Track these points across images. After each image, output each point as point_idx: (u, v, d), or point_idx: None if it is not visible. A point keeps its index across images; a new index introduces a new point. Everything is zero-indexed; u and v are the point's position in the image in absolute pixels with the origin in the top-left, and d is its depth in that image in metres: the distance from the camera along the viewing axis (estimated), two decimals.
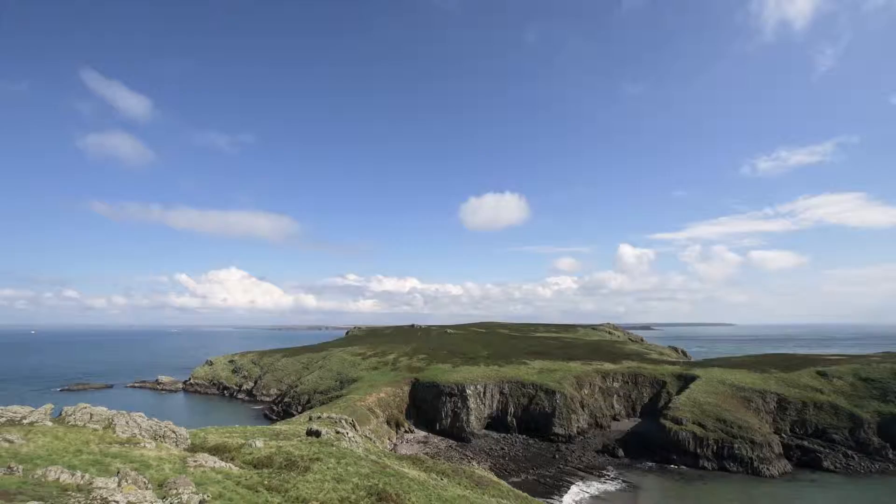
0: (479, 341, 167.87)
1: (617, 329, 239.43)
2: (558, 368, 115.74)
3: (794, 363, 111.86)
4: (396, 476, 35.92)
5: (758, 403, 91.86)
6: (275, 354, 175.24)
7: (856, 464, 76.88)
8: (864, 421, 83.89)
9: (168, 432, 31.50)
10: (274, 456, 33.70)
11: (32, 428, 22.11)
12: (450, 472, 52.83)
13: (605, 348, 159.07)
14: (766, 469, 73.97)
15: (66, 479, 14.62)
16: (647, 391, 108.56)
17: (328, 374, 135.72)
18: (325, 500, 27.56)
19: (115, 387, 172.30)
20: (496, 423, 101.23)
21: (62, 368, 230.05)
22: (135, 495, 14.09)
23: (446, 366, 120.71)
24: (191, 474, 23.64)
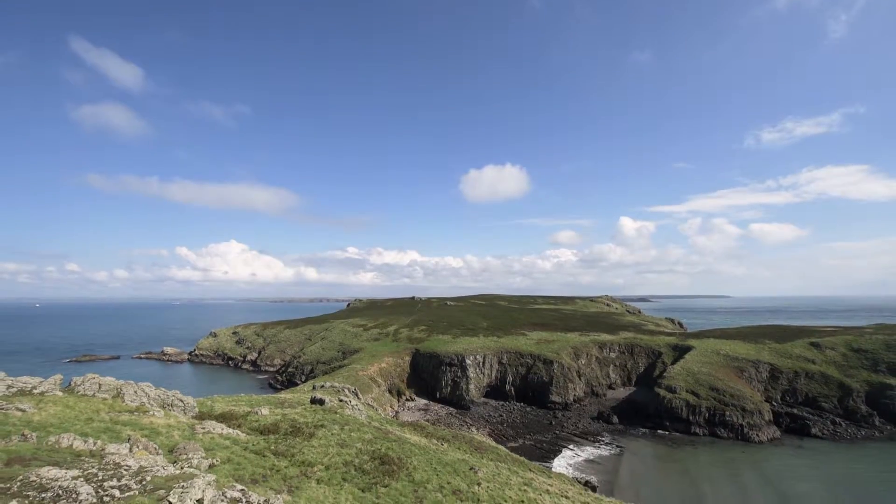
0: (479, 313, 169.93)
1: (615, 301, 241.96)
2: (556, 339, 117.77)
3: (789, 334, 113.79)
4: (398, 441, 37.17)
5: (750, 373, 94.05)
6: (277, 326, 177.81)
7: (843, 430, 79.53)
8: (854, 390, 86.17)
9: (176, 401, 32.33)
10: (280, 423, 34.75)
11: (43, 397, 22.65)
12: (450, 437, 54.70)
13: (603, 320, 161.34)
14: (756, 435, 76.57)
15: (79, 446, 15.09)
16: (643, 361, 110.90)
17: (330, 345, 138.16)
18: (330, 464, 28.61)
19: (122, 358, 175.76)
20: (495, 391, 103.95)
21: (69, 341, 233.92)
22: (146, 460, 14.58)
23: (446, 337, 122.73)
24: (199, 440, 24.43)
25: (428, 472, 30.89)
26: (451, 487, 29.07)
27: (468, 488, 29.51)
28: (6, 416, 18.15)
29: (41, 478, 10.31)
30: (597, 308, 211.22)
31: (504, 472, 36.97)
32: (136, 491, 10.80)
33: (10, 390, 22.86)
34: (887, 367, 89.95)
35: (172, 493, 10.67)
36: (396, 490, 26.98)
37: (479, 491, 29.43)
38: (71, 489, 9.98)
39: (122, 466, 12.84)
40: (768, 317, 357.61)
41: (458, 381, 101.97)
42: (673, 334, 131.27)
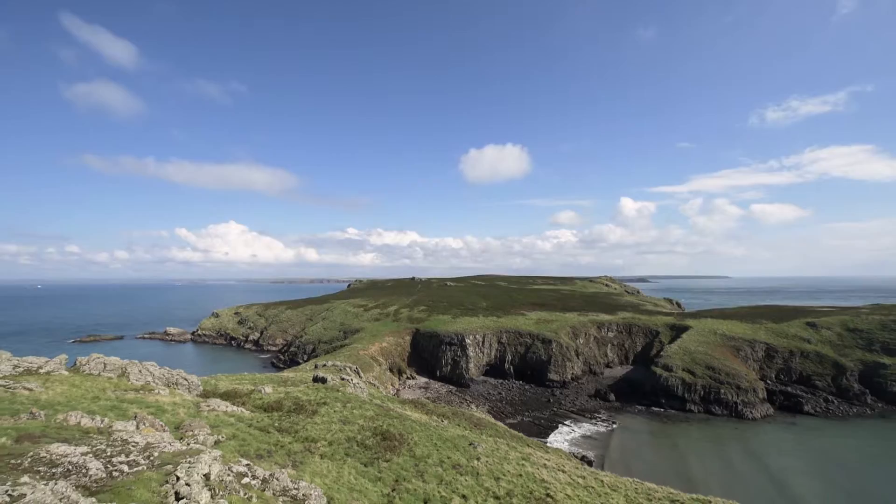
0: (479, 293, 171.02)
1: (614, 281, 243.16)
2: (555, 319, 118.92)
3: (786, 314, 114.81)
4: (399, 418, 37.99)
5: (746, 352, 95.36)
6: (279, 306, 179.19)
7: (835, 408, 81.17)
8: (847, 368, 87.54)
9: (180, 380, 32.85)
10: (283, 401, 35.41)
11: (49, 377, 22.98)
12: (450, 414, 55.88)
13: (602, 300, 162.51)
14: (749, 412, 78.20)
15: (87, 423, 15.40)
16: (641, 340, 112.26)
17: (332, 324, 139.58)
18: (333, 440, 29.30)
19: (126, 338, 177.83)
20: (494, 370, 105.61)
21: (72, 321, 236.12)
22: (153, 437, 14.92)
23: (446, 317, 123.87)
24: (205, 418, 24.94)
25: (428, 447, 31.68)
26: (451, 462, 29.86)
27: (468, 463, 30.31)
28: (14, 394, 18.46)
29: (51, 454, 10.55)
30: (596, 288, 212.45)
31: (503, 447, 37.90)
32: (145, 466, 11.08)
33: (17, 370, 23.18)
34: (882, 346, 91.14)
35: (180, 468, 10.94)
36: (398, 464, 27.72)
37: (479, 465, 30.23)
38: (81, 464, 10.23)
39: (129, 443, 13.13)
40: (766, 297, 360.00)
41: (458, 359, 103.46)
42: (671, 314, 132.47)
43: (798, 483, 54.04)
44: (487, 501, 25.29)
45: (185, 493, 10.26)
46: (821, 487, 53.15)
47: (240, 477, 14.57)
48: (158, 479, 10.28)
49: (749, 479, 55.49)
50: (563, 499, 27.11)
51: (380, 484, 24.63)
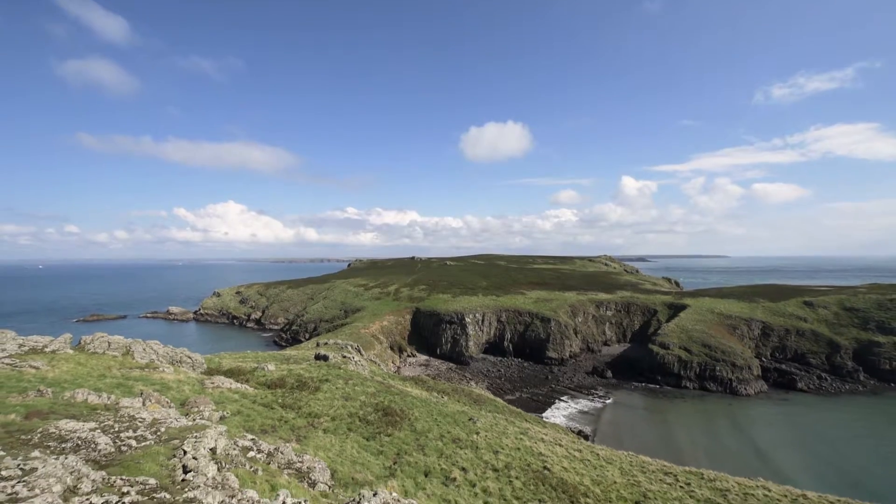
0: (478, 273, 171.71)
1: (613, 261, 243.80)
2: (554, 298, 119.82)
3: (783, 293, 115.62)
4: (400, 394, 38.78)
5: (743, 330, 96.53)
6: (280, 286, 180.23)
7: (828, 385, 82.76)
8: (842, 347, 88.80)
9: (184, 358, 33.34)
10: (286, 378, 36.05)
11: (55, 355, 23.30)
12: (450, 390, 57.03)
13: (601, 279, 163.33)
14: (743, 389, 79.76)
15: (94, 400, 15.71)
16: (639, 319, 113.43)
17: (332, 303, 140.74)
18: (336, 415, 29.98)
19: (129, 317, 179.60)
20: (493, 348, 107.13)
21: (75, 301, 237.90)
22: (159, 413, 15.25)
23: (446, 296, 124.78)
24: (209, 395, 25.44)
25: (429, 422, 32.44)
26: (451, 436, 30.64)
27: (467, 437, 31.10)
28: (21, 373, 18.76)
29: (60, 430, 10.80)
30: (595, 268, 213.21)
31: (501, 422, 38.82)
32: (152, 441, 11.35)
33: (23, 349, 23.49)
34: (877, 325, 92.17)
35: (186, 443, 11.23)
36: (399, 439, 28.45)
37: (478, 440, 31.02)
38: (90, 440, 10.48)
39: (136, 419, 13.43)
40: (765, 276, 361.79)
41: (458, 338, 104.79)
42: (669, 293, 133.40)
43: (781, 455, 55.83)
44: (486, 474, 26.08)
45: (192, 466, 10.56)
46: (803, 459, 54.94)
47: (245, 451, 14.98)
48: (166, 453, 10.56)
49: (735, 451, 57.15)
50: (560, 471, 27.95)
51: (382, 457, 25.34)
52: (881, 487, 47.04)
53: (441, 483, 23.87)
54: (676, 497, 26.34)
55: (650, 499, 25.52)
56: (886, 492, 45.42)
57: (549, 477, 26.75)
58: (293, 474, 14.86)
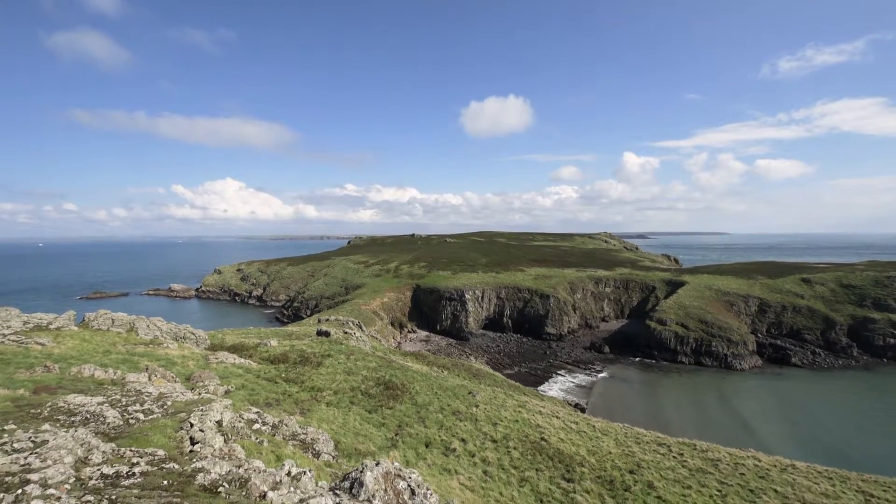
0: (478, 250, 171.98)
1: (613, 238, 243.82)
2: (553, 275, 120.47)
3: (782, 270, 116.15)
4: (401, 369, 39.53)
5: (740, 307, 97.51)
6: (280, 263, 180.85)
7: (821, 360, 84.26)
8: (837, 323, 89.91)
9: (188, 334, 33.79)
10: (288, 353, 36.65)
11: (60, 332, 23.59)
12: (450, 365, 58.11)
13: (600, 256, 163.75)
14: (738, 364, 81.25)
15: (101, 375, 16.00)
16: (637, 295, 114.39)
17: (333, 280, 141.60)
18: (338, 389, 30.65)
19: (131, 295, 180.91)
20: (493, 324, 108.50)
21: (77, 279, 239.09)
22: (165, 387, 15.58)
23: (446, 273, 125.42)
24: (214, 369, 25.90)
25: (429, 396, 33.20)
26: (451, 409, 31.41)
27: (467, 410, 31.89)
28: (27, 349, 19.03)
29: (68, 404, 11.05)
30: (595, 245, 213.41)
31: (500, 395, 39.72)
32: (159, 414, 11.63)
33: (27, 326, 23.75)
34: (873, 302, 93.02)
35: (193, 416, 11.51)
36: (400, 412, 29.18)
37: (477, 412, 31.81)
38: (98, 413, 10.74)
39: (143, 393, 13.72)
40: (765, 253, 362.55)
41: (458, 314, 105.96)
42: (668, 270, 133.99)
43: (767, 428, 57.49)
44: (485, 445, 26.88)
45: (199, 438, 10.87)
46: (788, 431, 56.59)
47: (250, 423, 15.38)
48: (173, 425, 10.84)
49: (722, 423, 58.73)
50: (557, 442, 28.79)
51: (383, 429, 26.05)
52: (860, 457, 48.47)
53: (441, 453, 24.62)
54: (669, 466, 27.24)
55: (644, 468, 26.39)
56: (864, 461, 46.62)
57: (546, 447, 27.58)
58: (298, 445, 15.31)
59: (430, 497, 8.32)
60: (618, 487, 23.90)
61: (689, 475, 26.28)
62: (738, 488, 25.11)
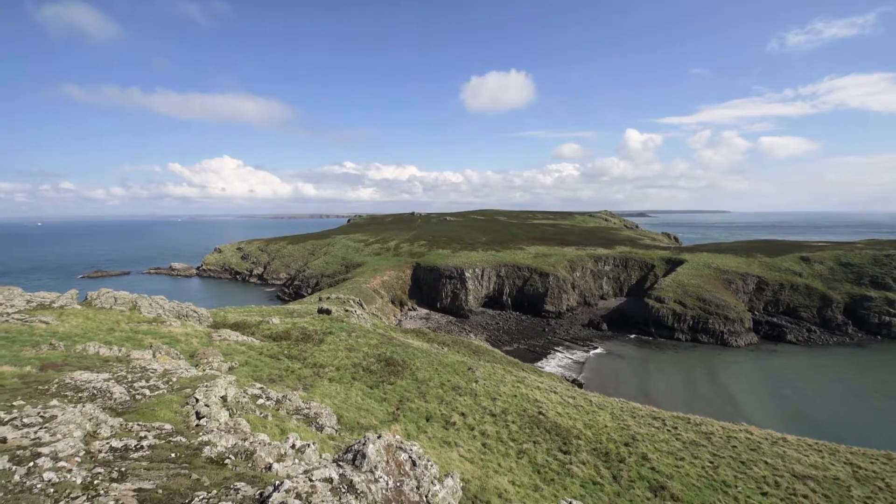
0: (478, 228, 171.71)
1: (613, 216, 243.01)
2: (553, 253, 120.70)
3: (781, 249, 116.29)
4: (402, 346, 40.11)
5: (738, 285, 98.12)
6: (280, 242, 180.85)
7: (816, 337, 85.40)
8: (834, 301, 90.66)
9: (190, 312, 34.09)
10: (290, 330, 37.09)
11: (63, 311, 23.79)
12: (449, 342, 58.95)
13: (600, 234, 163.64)
14: (734, 341, 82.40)
15: (105, 353, 16.23)
16: (636, 274, 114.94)
17: (333, 259, 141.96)
18: (340, 365, 31.17)
19: (132, 274, 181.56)
20: (492, 302, 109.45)
21: (77, 258, 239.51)
22: (170, 364, 15.83)
23: (446, 251, 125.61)
24: (217, 347, 26.26)
25: (430, 372, 33.81)
26: (451, 385, 32.04)
27: (466, 385, 32.53)
28: (32, 327, 19.23)
29: (75, 380, 11.24)
30: (595, 223, 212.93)
31: (499, 371, 40.45)
32: (165, 390, 11.86)
33: (31, 305, 23.93)
34: (871, 280, 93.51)
35: (198, 391, 11.74)
36: (401, 387, 29.77)
37: (477, 387, 32.46)
38: (105, 389, 10.94)
39: (148, 370, 13.94)
40: (765, 232, 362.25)
41: (458, 292, 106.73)
42: (668, 248, 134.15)
43: (752, 402, 58.86)
44: (484, 418, 27.55)
45: (205, 412, 11.11)
46: (773, 405, 57.93)
47: (255, 398, 15.70)
48: (179, 400, 11.07)
49: (711, 398, 60.05)
50: (554, 416, 29.50)
51: (385, 404, 26.64)
52: (847, 432, 48.72)
53: (441, 427, 25.26)
54: (663, 439, 28.00)
55: (639, 440, 27.13)
56: (849, 436, 47.21)
57: (543, 421, 28.28)
58: (301, 419, 15.68)
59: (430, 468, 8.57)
60: (613, 459, 24.63)
61: (682, 447, 27.04)
62: (730, 460, 25.89)
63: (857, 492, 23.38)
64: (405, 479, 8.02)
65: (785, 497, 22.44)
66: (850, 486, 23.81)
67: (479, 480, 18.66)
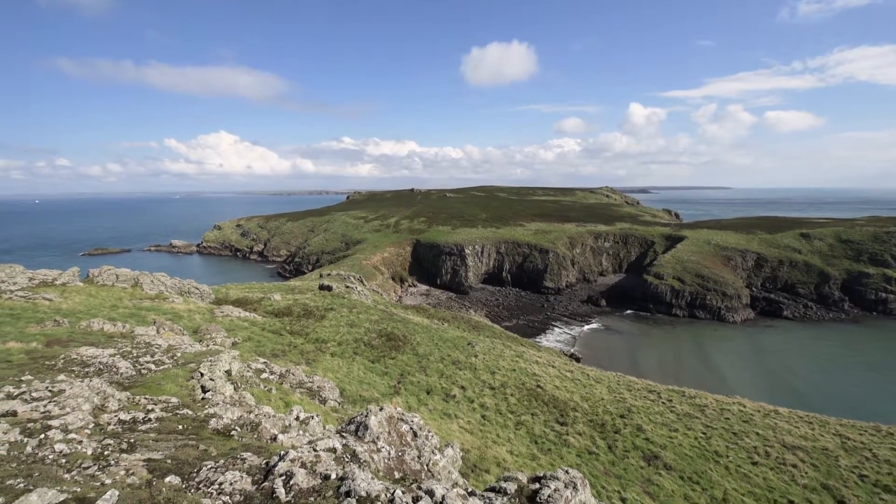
0: (478, 205, 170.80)
1: (615, 192, 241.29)
2: (553, 230, 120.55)
3: (782, 225, 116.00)
4: (403, 322, 40.60)
5: (737, 261, 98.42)
6: (279, 218, 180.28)
7: (812, 313, 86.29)
8: (832, 277, 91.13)
9: (192, 289, 34.33)
10: (292, 307, 37.45)
11: (66, 288, 23.94)
12: (449, 318, 59.66)
13: (601, 211, 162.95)
14: (731, 316, 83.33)
15: (110, 329, 16.43)
16: (636, 250, 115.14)
17: (333, 236, 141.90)
18: (342, 341, 31.63)
19: (133, 251, 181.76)
20: (492, 278, 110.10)
21: (77, 235, 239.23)
22: (174, 340, 16.06)
23: (446, 228, 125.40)
24: (220, 322, 26.58)
25: (430, 346, 34.35)
26: (451, 359, 32.61)
27: (466, 359, 33.11)
28: (35, 304, 19.40)
29: (81, 356, 11.42)
30: (596, 199, 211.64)
31: (498, 346, 41.09)
32: (170, 365, 12.07)
33: (33, 282, 24.05)
34: (869, 257, 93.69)
35: (203, 366, 11.95)
36: (402, 361, 30.31)
37: (476, 362, 33.06)
38: (111, 364, 11.13)
39: (152, 345, 14.15)
40: (767, 208, 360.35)
41: (458, 269, 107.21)
42: (668, 225, 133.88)
43: (738, 375, 60.10)
44: (484, 391, 28.18)
45: (210, 386, 11.35)
46: (760, 379, 58.96)
47: (258, 373, 16.01)
48: (184, 375, 11.28)
49: (698, 371, 61.13)
50: (552, 389, 30.16)
51: (386, 377, 27.19)
52: (831, 404, 49.53)
53: (442, 399, 25.87)
54: (658, 411, 28.73)
55: (634, 413, 27.84)
56: (835, 408, 47.87)
57: (541, 394, 28.94)
58: (305, 393, 16.03)
59: (431, 438, 8.82)
60: (608, 430, 25.34)
61: (676, 419, 27.78)
62: (723, 431, 26.64)
63: (845, 461, 24.17)
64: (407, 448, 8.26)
65: (774, 466, 23.22)
66: (839, 456, 24.60)
67: (478, 450, 19.26)
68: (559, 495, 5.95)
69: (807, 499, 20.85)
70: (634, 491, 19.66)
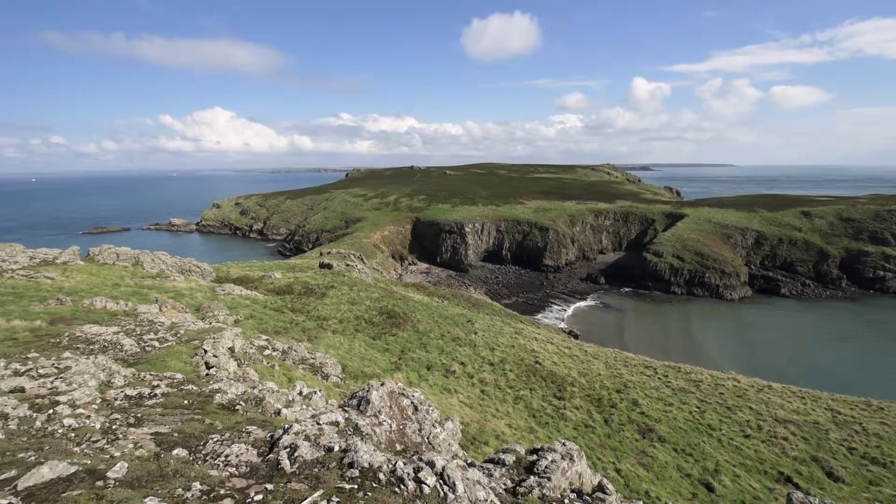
0: (478, 182, 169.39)
1: (616, 170, 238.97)
2: (553, 208, 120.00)
3: (783, 203, 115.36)
4: (403, 299, 40.94)
5: (737, 239, 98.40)
6: (278, 196, 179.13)
7: (809, 291, 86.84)
8: (830, 255, 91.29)
9: (193, 267, 34.45)
10: (293, 285, 37.68)
11: (67, 267, 24.00)
12: (449, 295, 60.12)
13: (602, 188, 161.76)
14: (729, 294, 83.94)
15: (113, 307, 16.57)
16: (636, 228, 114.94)
17: (333, 214, 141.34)
18: (343, 318, 31.99)
19: (132, 230, 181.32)
20: (492, 256, 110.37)
21: (76, 214, 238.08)
22: (177, 318, 16.22)
23: (446, 206, 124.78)
24: (222, 300, 26.78)
25: (430, 323, 34.75)
26: (451, 336, 33.06)
27: (466, 336, 33.57)
28: (38, 283, 19.49)
29: (85, 333, 11.55)
30: (597, 177, 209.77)
31: (498, 323, 41.58)
32: (174, 342, 12.23)
33: (34, 261, 24.10)
34: (869, 235, 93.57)
35: (206, 343, 12.12)
36: (403, 338, 30.73)
37: (476, 338, 33.52)
38: (115, 341, 11.28)
39: (156, 323, 14.30)
40: (769, 186, 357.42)
41: (458, 247, 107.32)
42: (669, 203, 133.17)
43: (725, 350, 61.17)
44: (483, 367, 28.69)
45: (214, 362, 11.54)
46: (748, 353, 59.99)
47: (261, 349, 16.25)
48: (188, 352, 11.45)
49: (687, 347, 61.91)
50: (551, 365, 30.69)
51: (387, 354, 27.63)
52: (823, 379, 49.45)
53: (442, 375, 26.36)
54: (654, 386, 29.32)
55: (630, 388, 28.42)
56: (827, 383, 47.96)
57: (540, 370, 29.47)
58: (307, 369, 16.32)
59: (431, 412, 9.04)
60: (605, 405, 25.93)
61: (671, 394, 28.39)
62: (717, 405, 27.27)
63: (835, 435, 24.84)
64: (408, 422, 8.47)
65: (766, 439, 23.88)
66: (829, 430, 25.26)
67: (477, 424, 19.76)
68: (556, 466, 6.13)
69: (796, 470, 21.54)
70: (629, 462, 20.29)
